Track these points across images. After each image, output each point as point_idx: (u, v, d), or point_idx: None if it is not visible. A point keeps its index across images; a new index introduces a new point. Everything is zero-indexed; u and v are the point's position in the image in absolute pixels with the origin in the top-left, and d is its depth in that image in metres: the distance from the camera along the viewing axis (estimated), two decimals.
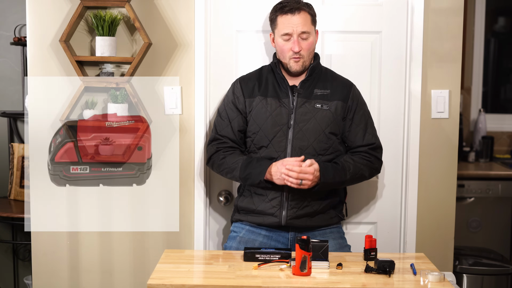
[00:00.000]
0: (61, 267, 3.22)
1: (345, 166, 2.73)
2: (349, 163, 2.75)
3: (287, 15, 2.74)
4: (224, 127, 2.86)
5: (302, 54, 2.75)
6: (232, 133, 2.85)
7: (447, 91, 3.12)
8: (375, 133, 2.88)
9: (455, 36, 3.11)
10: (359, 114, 2.83)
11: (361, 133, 2.82)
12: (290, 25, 2.73)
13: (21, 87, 4.14)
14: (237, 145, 2.86)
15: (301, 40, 2.74)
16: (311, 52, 2.80)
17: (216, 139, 2.88)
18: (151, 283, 2.27)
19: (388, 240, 3.18)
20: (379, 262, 2.40)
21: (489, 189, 4.23)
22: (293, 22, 2.73)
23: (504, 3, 5.17)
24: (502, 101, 5.15)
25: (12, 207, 3.86)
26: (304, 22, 2.74)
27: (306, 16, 2.75)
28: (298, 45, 2.73)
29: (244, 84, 2.87)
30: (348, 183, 2.79)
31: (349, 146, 2.84)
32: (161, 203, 3.18)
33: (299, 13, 2.74)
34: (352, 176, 2.76)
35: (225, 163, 2.81)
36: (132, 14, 2.99)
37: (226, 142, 2.85)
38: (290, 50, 2.75)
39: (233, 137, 2.85)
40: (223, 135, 2.86)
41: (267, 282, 2.28)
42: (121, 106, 3.04)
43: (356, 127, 2.82)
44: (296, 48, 2.73)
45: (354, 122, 2.82)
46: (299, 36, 2.74)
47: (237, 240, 2.83)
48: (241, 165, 2.75)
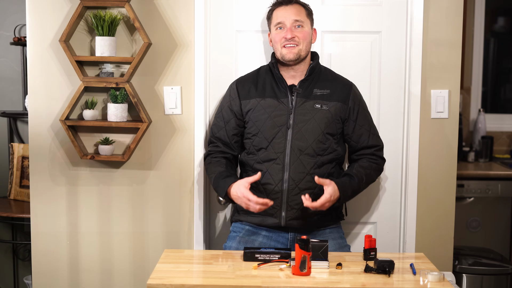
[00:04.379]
0: (61, 267, 3.22)
1: (359, 177, 2.78)
2: (361, 173, 2.79)
3: (281, 6, 2.80)
4: (219, 129, 2.89)
5: (297, 41, 2.76)
6: (226, 136, 2.87)
7: (446, 91, 3.12)
8: (377, 133, 2.90)
9: (455, 36, 3.11)
10: (362, 115, 2.84)
11: (366, 134, 2.83)
12: (283, 15, 2.79)
13: (21, 87, 4.14)
14: (229, 149, 2.88)
15: (294, 28, 2.77)
16: (308, 44, 2.80)
17: (211, 142, 2.94)
18: (151, 283, 2.28)
19: (388, 240, 3.19)
20: (379, 262, 2.40)
21: (488, 189, 4.23)
22: (286, 13, 2.78)
23: (503, 3, 5.16)
24: (502, 101, 5.15)
25: (12, 207, 3.87)
26: (298, 12, 2.78)
27: (299, 8, 2.80)
28: (290, 32, 2.75)
29: (240, 86, 2.88)
30: (361, 190, 2.84)
31: (353, 147, 2.85)
32: (161, 203, 3.18)
33: (292, 5, 2.79)
34: (365, 185, 2.83)
35: (208, 170, 2.89)
36: (132, 14, 2.99)
37: (218, 146, 2.88)
38: (282, 38, 2.76)
39: (226, 139, 2.87)
40: (217, 138, 2.90)
41: (267, 282, 2.28)
42: (121, 106, 3.05)
43: (360, 128, 2.82)
44: (289, 35, 2.75)
45: (357, 124, 2.82)
46: (292, 25, 2.76)
47: (237, 240, 2.83)
48: (215, 177, 2.81)
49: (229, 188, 2.71)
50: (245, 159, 2.86)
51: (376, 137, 2.87)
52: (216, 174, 2.80)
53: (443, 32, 3.10)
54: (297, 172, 2.74)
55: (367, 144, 2.83)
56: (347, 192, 2.72)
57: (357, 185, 2.76)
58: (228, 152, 2.88)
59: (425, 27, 3.08)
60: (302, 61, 2.81)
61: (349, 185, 2.73)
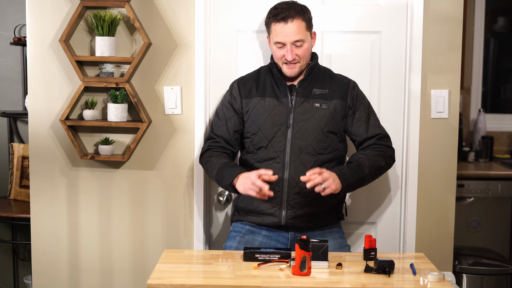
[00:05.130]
0: (61, 267, 3.22)
1: (360, 162, 2.72)
2: (363, 158, 2.74)
3: (280, 23, 2.71)
4: (220, 126, 2.87)
5: (297, 60, 2.75)
6: (226, 133, 2.85)
7: (446, 91, 3.12)
8: (379, 124, 2.86)
9: (455, 36, 3.11)
10: (360, 108, 2.82)
11: (364, 126, 2.80)
12: (283, 34, 2.71)
13: (21, 87, 4.14)
14: (230, 146, 2.86)
15: (294, 47, 2.73)
16: (307, 57, 2.78)
17: (211, 138, 2.90)
18: (151, 283, 2.28)
19: (388, 240, 3.19)
20: (379, 262, 2.40)
21: (488, 189, 4.23)
22: (286, 32, 2.70)
23: (504, 3, 5.17)
24: (502, 101, 5.15)
25: (12, 207, 3.87)
26: (298, 31, 2.70)
27: (299, 24, 2.71)
28: (291, 53, 2.71)
29: (241, 85, 2.88)
30: (368, 178, 2.75)
31: (356, 141, 2.84)
32: (161, 203, 3.18)
33: (292, 22, 2.70)
34: (370, 170, 2.72)
35: (210, 162, 2.82)
36: (132, 14, 2.99)
37: (219, 141, 2.86)
38: (283, 57, 2.75)
39: (227, 136, 2.85)
40: (217, 135, 2.87)
41: (267, 282, 2.28)
42: (121, 106, 3.05)
43: (358, 121, 2.81)
44: (289, 57, 2.72)
45: (355, 117, 2.81)
46: (292, 44, 2.72)
47: (237, 240, 2.83)
48: (219, 167, 2.76)
49: (236, 177, 2.68)
50: (245, 158, 2.86)
51: (376, 127, 2.82)
52: (220, 164, 2.76)
53: (443, 32, 3.10)
54: (297, 171, 2.74)
55: (367, 134, 2.80)
56: (347, 175, 2.65)
57: (358, 168, 2.70)
58: (229, 149, 2.87)
59: (425, 27, 3.08)
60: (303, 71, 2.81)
61: (347, 169, 2.69)
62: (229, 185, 2.70)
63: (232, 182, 2.68)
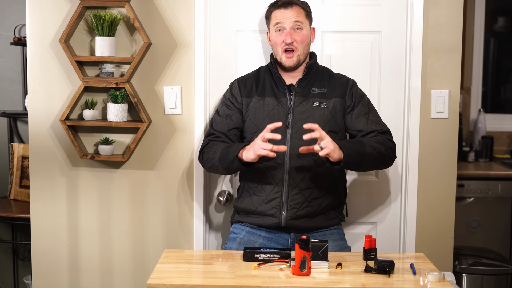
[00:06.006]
0: (61, 267, 3.22)
1: (361, 140, 2.71)
2: (364, 139, 2.71)
3: (280, 9, 2.79)
4: (220, 122, 2.86)
5: (296, 46, 2.76)
6: (227, 129, 2.84)
7: (446, 91, 3.12)
8: (380, 120, 2.83)
9: (454, 36, 3.11)
10: (359, 105, 2.82)
11: (364, 121, 2.79)
12: (283, 17, 2.78)
13: (21, 87, 4.15)
14: (230, 142, 2.84)
15: (293, 31, 2.76)
16: (306, 47, 2.80)
17: (211, 134, 2.87)
18: (151, 283, 2.28)
19: (388, 240, 3.19)
20: (379, 262, 2.40)
21: (488, 189, 4.23)
22: (286, 15, 2.77)
23: (504, 3, 5.17)
24: (502, 101, 5.15)
25: (12, 207, 3.87)
26: (297, 14, 2.77)
27: (299, 10, 2.79)
28: (290, 36, 2.75)
29: (242, 85, 2.88)
30: (368, 158, 2.65)
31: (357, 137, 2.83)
32: (161, 203, 3.18)
33: (291, 7, 2.78)
34: (371, 150, 2.65)
35: (211, 150, 2.77)
36: (132, 14, 2.99)
37: (219, 137, 2.84)
38: (282, 42, 2.76)
39: (228, 133, 2.85)
40: (218, 130, 2.85)
41: (267, 282, 2.28)
42: (121, 106, 3.05)
43: (358, 117, 2.80)
44: (289, 39, 2.74)
45: (354, 113, 2.80)
46: (291, 28, 2.76)
47: (237, 242, 2.82)
48: (222, 148, 2.73)
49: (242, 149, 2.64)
50: None
51: (376, 123, 2.79)
52: (224, 146, 2.73)
53: (443, 32, 3.10)
54: (297, 171, 2.73)
55: (367, 130, 2.77)
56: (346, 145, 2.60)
57: (358, 143, 2.65)
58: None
59: (425, 27, 3.08)
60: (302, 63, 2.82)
61: (347, 142, 2.68)
62: (235, 157, 2.64)
63: (238, 154, 2.64)
